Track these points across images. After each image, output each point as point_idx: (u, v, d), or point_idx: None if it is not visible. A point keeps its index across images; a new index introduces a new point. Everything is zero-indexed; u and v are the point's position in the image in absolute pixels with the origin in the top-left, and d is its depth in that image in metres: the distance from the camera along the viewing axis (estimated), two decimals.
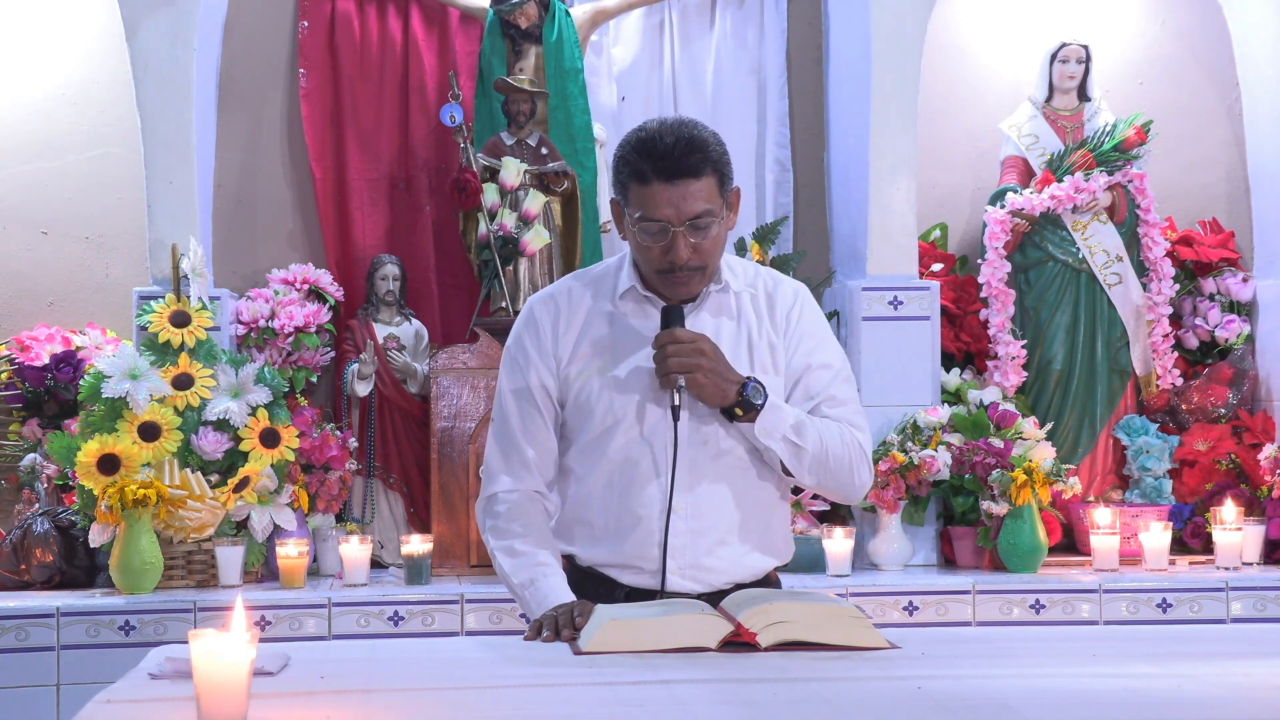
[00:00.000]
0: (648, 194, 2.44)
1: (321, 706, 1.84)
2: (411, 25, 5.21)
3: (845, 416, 2.55)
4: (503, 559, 2.56)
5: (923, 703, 1.82)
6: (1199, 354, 5.21)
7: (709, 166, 2.44)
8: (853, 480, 2.56)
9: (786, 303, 2.61)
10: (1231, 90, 5.36)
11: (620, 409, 2.52)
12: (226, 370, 4.47)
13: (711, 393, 2.44)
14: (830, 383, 2.57)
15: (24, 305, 5.01)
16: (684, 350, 2.42)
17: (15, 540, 4.31)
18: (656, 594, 2.50)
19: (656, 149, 2.43)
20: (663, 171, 2.42)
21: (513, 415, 2.59)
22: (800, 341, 2.59)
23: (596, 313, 2.59)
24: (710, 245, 2.48)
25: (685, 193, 2.42)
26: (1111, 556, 4.53)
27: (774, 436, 2.46)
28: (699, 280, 2.52)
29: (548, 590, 2.48)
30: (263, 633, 3.60)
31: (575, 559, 2.60)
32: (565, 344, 2.58)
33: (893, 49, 4.90)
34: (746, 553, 2.56)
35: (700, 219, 2.44)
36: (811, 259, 5.23)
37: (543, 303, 2.63)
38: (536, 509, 2.59)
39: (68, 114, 5.05)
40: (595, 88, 5.27)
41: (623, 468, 2.52)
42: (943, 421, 4.72)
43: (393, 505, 4.91)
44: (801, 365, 2.58)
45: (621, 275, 2.59)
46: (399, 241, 5.16)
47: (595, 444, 2.54)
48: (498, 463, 2.60)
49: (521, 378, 2.59)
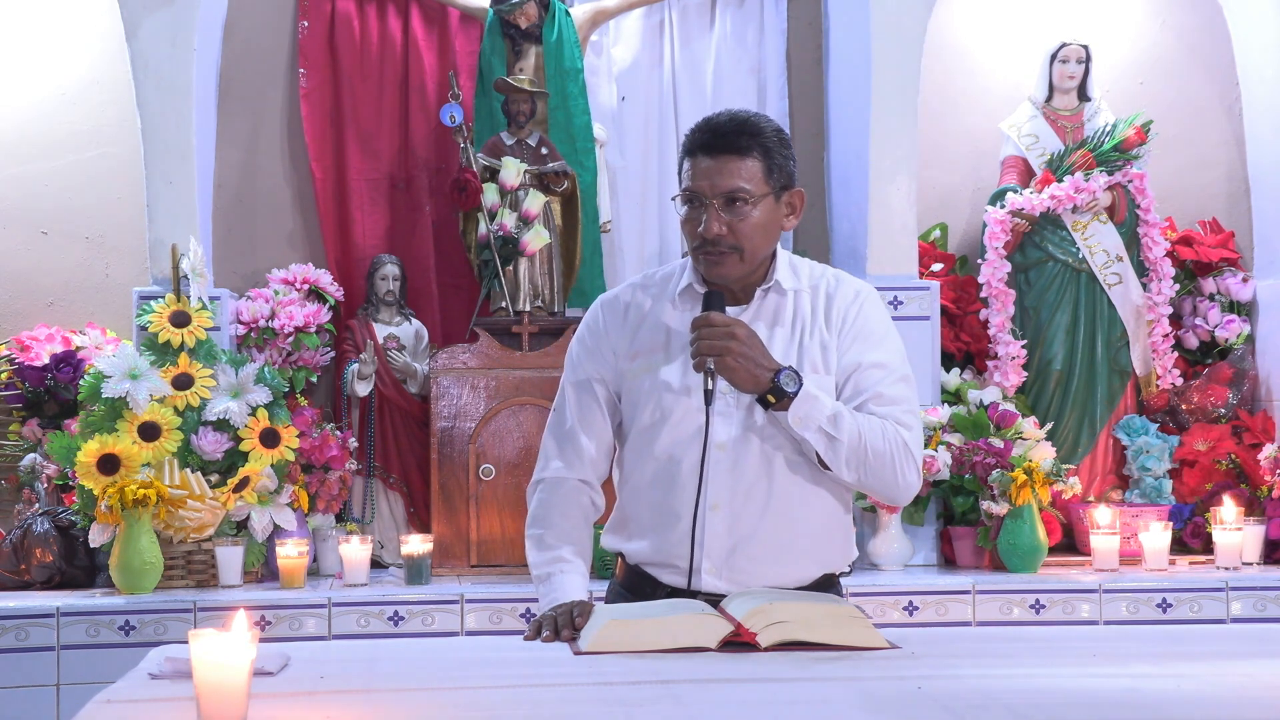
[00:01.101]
0: (690, 166, 2.50)
1: (321, 706, 1.84)
2: (411, 25, 5.21)
3: (893, 415, 2.51)
4: (530, 547, 2.61)
5: (923, 703, 1.82)
6: (1199, 354, 5.21)
7: (757, 149, 2.48)
8: (896, 479, 2.50)
9: (845, 302, 2.60)
10: (1231, 90, 5.36)
11: (667, 406, 2.53)
12: (226, 370, 4.47)
13: (743, 377, 2.42)
14: (880, 381, 2.53)
15: (24, 305, 5.01)
16: (716, 333, 2.41)
17: (15, 540, 4.31)
18: (691, 595, 2.49)
19: (710, 124, 2.50)
20: (708, 145, 2.48)
21: (570, 406, 2.63)
22: (854, 341, 2.57)
23: (656, 311, 2.61)
24: (747, 228, 2.48)
25: (724, 167, 2.46)
26: (1111, 556, 4.53)
27: (809, 426, 2.43)
28: (735, 263, 2.51)
29: (558, 586, 2.51)
30: (263, 633, 3.60)
31: (625, 556, 2.62)
32: (624, 342, 2.61)
33: (893, 49, 4.90)
34: (790, 557, 2.53)
35: (735, 195, 2.46)
36: (811, 259, 5.21)
37: (607, 303, 2.68)
38: (579, 500, 2.61)
39: (68, 114, 5.05)
40: (595, 88, 5.27)
41: (666, 465, 2.53)
42: (943, 421, 4.72)
43: (393, 505, 4.91)
44: (853, 364, 2.55)
45: (684, 274, 2.62)
46: (399, 241, 5.16)
47: (643, 440, 2.56)
48: (552, 448, 2.64)
49: (582, 371, 2.63)
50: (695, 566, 2.48)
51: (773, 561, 2.51)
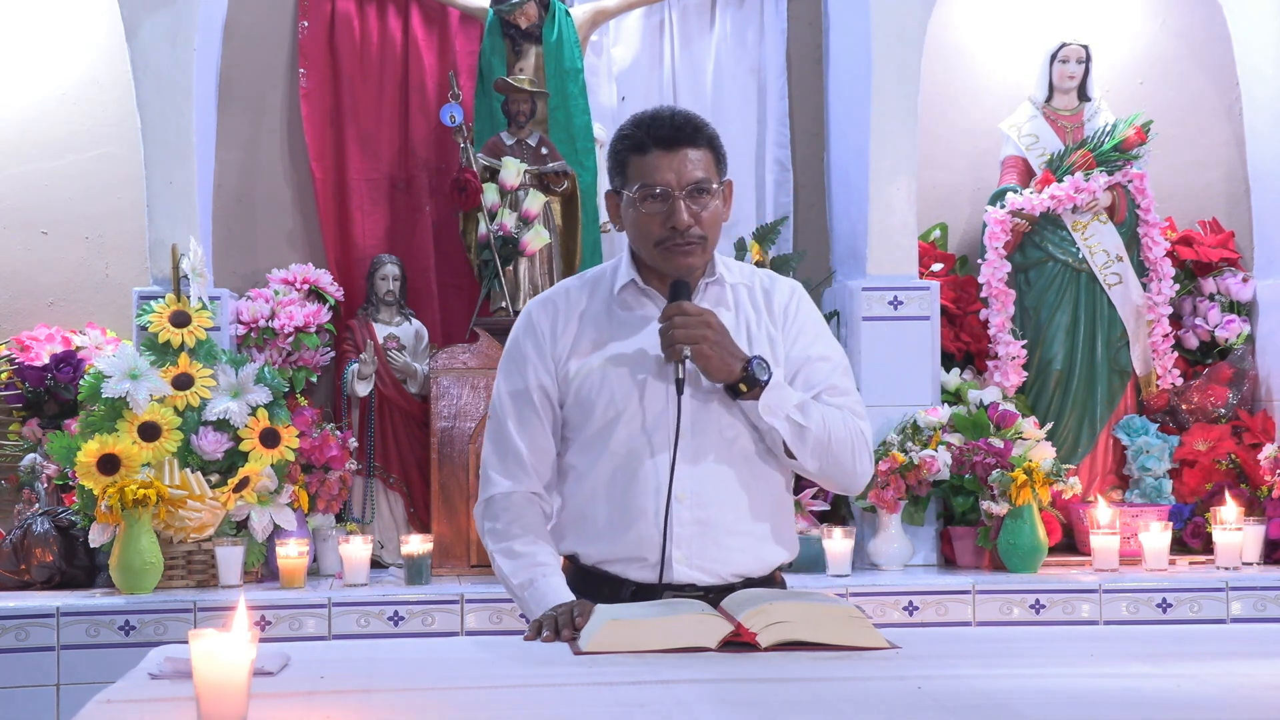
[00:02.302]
0: (647, 163, 2.50)
1: (321, 706, 1.84)
2: (411, 25, 5.21)
3: (848, 406, 2.56)
4: (502, 560, 2.56)
5: (923, 703, 1.82)
6: (1199, 354, 5.21)
7: (704, 140, 2.52)
8: (854, 467, 2.56)
9: (784, 297, 2.63)
10: (1231, 90, 5.36)
11: (621, 401, 2.52)
12: (226, 370, 4.47)
13: (717, 366, 2.44)
14: (830, 374, 2.58)
15: (24, 305, 5.01)
16: (691, 322, 2.43)
17: (15, 540, 4.31)
18: (662, 588, 2.49)
19: (657, 120, 2.52)
20: (662, 140, 2.49)
21: (509, 417, 2.59)
22: (799, 335, 2.60)
23: (595, 310, 2.60)
24: (709, 218, 2.51)
25: (684, 159, 2.49)
26: (1111, 556, 4.53)
27: (778, 415, 2.46)
28: (700, 253, 2.53)
29: (547, 590, 2.48)
30: (263, 633, 3.60)
31: (578, 559, 2.59)
32: (564, 343, 2.59)
33: (893, 49, 4.90)
34: (755, 543, 2.56)
35: (699, 186, 2.49)
36: (811, 259, 5.23)
37: (541, 305, 2.64)
38: (534, 510, 2.59)
39: (68, 114, 5.05)
40: (595, 88, 5.27)
41: (626, 460, 2.52)
42: (943, 421, 4.72)
43: (393, 505, 4.91)
44: (801, 358, 2.59)
45: (620, 272, 2.61)
46: (399, 241, 5.16)
47: (597, 438, 2.55)
48: (495, 465, 2.60)
49: (520, 379, 2.60)
50: (667, 559, 2.48)
51: (740, 548, 2.54)
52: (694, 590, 2.50)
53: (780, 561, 2.62)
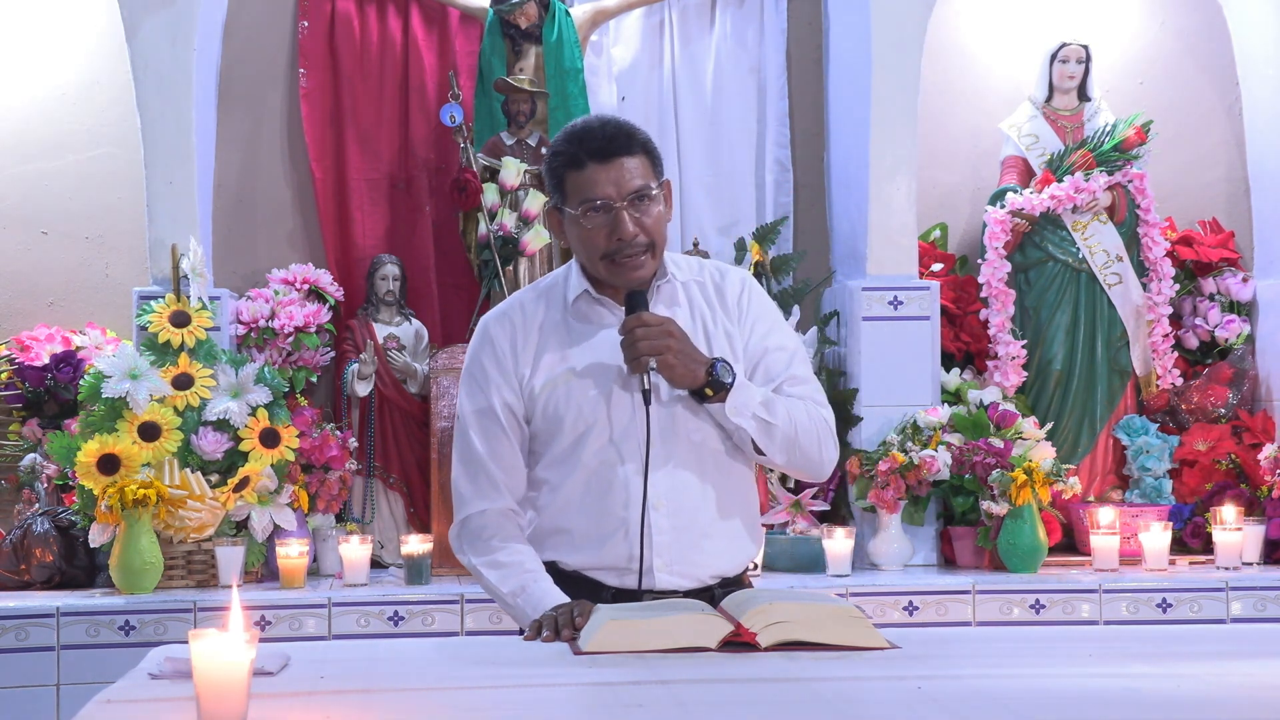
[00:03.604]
0: (584, 177, 2.48)
1: (321, 706, 1.84)
2: (411, 25, 5.21)
3: (808, 394, 2.58)
4: (488, 573, 2.54)
5: (923, 703, 1.82)
6: (1199, 354, 5.21)
7: (638, 146, 2.51)
8: (821, 456, 2.57)
9: (735, 290, 2.63)
10: (1231, 90, 5.36)
11: (590, 414, 2.51)
12: (226, 370, 4.47)
13: (681, 374, 2.44)
14: (789, 363, 2.59)
15: (24, 305, 5.01)
16: (653, 333, 2.42)
17: (15, 540, 4.31)
18: (642, 594, 2.49)
19: (587, 133, 2.50)
20: (596, 152, 2.47)
21: (476, 437, 2.59)
22: (754, 326, 2.61)
23: (552, 323, 2.58)
24: (653, 224, 2.50)
25: (621, 169, 2.47)
26: (1111, 556, 4.53)
27: (744, 414, 2.47)
28: (649, 261, 2.52)
29: (540, 594, 2.47)
30: (263, 633, 3.60)
31: (558, 565, 2.58)
32: (525, 359, 2.57)
33: (893, 49, 4.90)
34: (729, 542, 2.57)
35: (640, 193, 2.48)
36: (811, 259, 5.23)
37: (497, 320, 2.62)
38: (512, 525, 2.58)
39: (68, 114, 5.05)
40: (595, 88, 5.27)
41: (599, 472, 2.52)
42: (943, 421, 4.72)
43: (393, 505, 4.91)
44: (759, 349, 2.59)
45: (570, 283, 2.59)
46: (399, 241, 5.16)
47: (568, 452, 2.53)
48: (467, 487, 2.59)
49: (484, 397, 2.59)
50: (646, 567, 2.48)
51: (716, 550, 2.55)
52: (674, 596, 2.50)
53: (752, 556, 2.64)
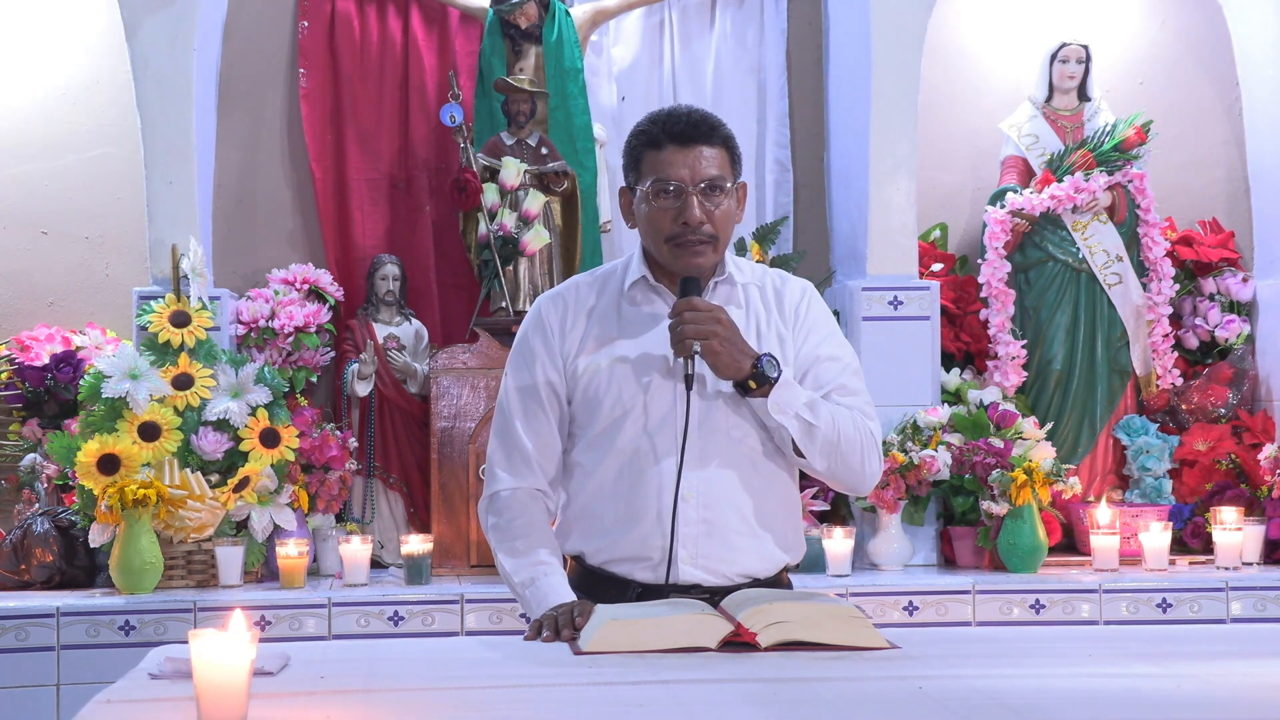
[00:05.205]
0: (661, 158, 2.50)
1: (321, 706, 1.84)
2: (411, 25, 5.21)
3: (857, 406, 2.55)
4: (504, 558, 2.56)
5: (923, 703, 1.82)
6: (1199, 354, 5.21)
7: (719, 139, 2.53)
8: (863, 468, 2.54)
9: (794, 297, 2.63)
10: (1231, 90, 5.36)
11: (629, 399, 2.52)
12: (226, 370, 4.47)
13: (726, 362, 2.43)
14: (840, 374, 2.58)
15: (24, 305, 5.01)
16: (701, 318, 2.42)
17: (15, 540, 4.31)
18: (668, 589, 2.48)
19: (672, 116, 2.53)
20: (677, 135, 2.50)
21: (516, 412, 2.59)
22: (809, 334, 2.60)
23: (604, 307, 2.60)
24: (721, 216, 2.51)
25: (699, 156, 2.49)
26: (1111, 556, 4.53)
27: (787, 413, 2.45)
28: (711, 252, 2.53)
29: (548, 589, 2.48)
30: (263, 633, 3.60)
31: (584, 558, 2.59)
32: (573, 339, 2.59)
33: (893, 49, 4.90)
34: (761, 544, 2.55)
35: (714, 183, 2.50)
36: (811, 259, 5.23)
37: (550, 301, 2.64)
38: (538, 507, 2.59)
39: (68, 114, 5.05)
40: (595, 88, 5.27)
41: (632, 458, 2.52)
42: (943, 421, 4.72)
43: (393, 505, 4.91)
44: (810, 357, 2.58)
45: (630, 268, 2.61)
46: (399, 241, 5.16)
47: (604, 436, 2.54)
48: (500, 461, 2.60)
49: (528, 374, 2.60)
50: (672, 558, 2.48)
51: (746, 549, 2.53)
52: (699, 591, 2.49)
53: (786, 563, 2.61)
